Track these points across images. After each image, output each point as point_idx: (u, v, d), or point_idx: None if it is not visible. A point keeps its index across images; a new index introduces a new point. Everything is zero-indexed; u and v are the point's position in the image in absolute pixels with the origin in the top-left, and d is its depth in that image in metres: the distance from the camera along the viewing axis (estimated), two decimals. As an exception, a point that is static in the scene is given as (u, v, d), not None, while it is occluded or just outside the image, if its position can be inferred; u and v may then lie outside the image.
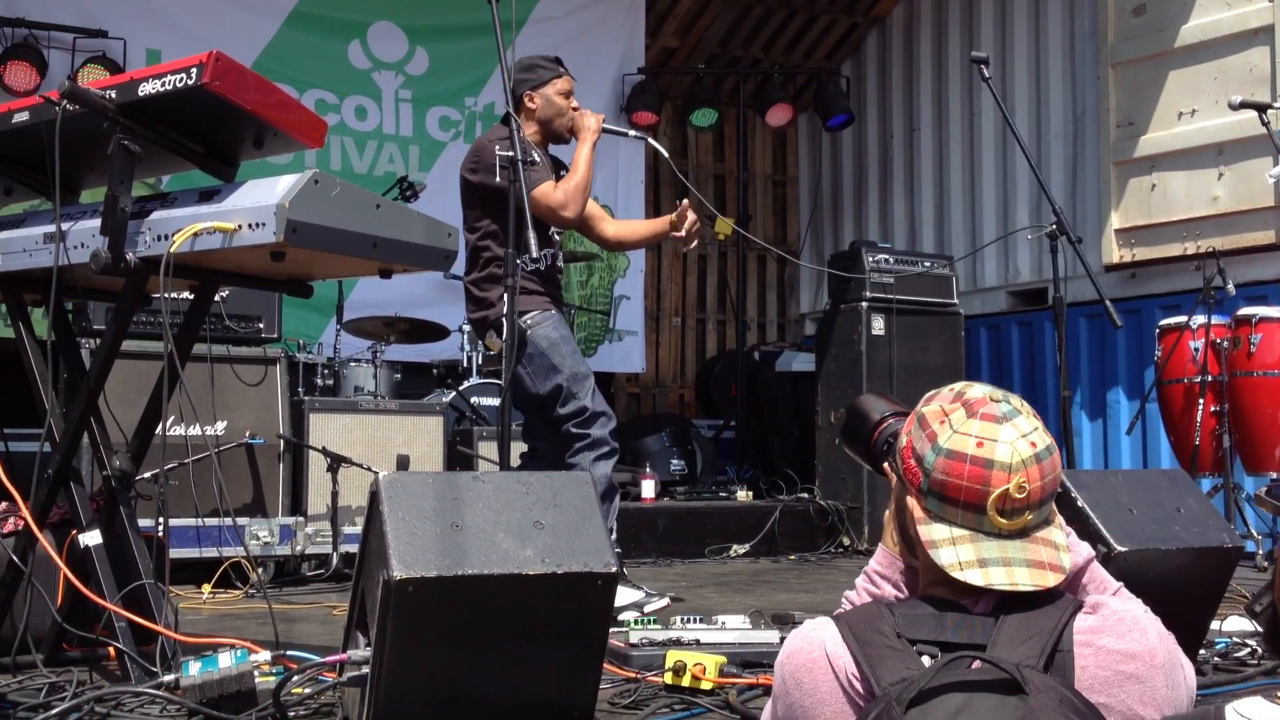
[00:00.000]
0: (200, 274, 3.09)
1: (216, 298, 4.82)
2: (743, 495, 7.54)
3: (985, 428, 1.67)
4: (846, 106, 9.58)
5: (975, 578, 1.62)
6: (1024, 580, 1.63)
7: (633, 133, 5.01)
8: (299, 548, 5.50)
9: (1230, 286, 6.01)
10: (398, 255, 2.97)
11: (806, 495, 7.39)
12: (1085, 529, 3.57)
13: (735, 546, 6.82)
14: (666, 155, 4.92)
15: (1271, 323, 5.98)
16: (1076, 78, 8.18)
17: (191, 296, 3.30)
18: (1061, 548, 1.70)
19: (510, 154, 3.68)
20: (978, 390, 1.73)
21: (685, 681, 2.97)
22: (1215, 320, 6.07)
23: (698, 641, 3.34)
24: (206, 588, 4.97)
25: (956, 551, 1.65)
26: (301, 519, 5.55)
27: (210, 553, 5.01)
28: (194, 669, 2.63)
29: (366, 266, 3.05)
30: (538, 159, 4.53)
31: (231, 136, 3.04)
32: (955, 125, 9.11)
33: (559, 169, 4.73)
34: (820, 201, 10.39)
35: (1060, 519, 1.74)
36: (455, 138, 8.57)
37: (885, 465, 1.93)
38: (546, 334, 4.43)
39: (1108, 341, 7.57)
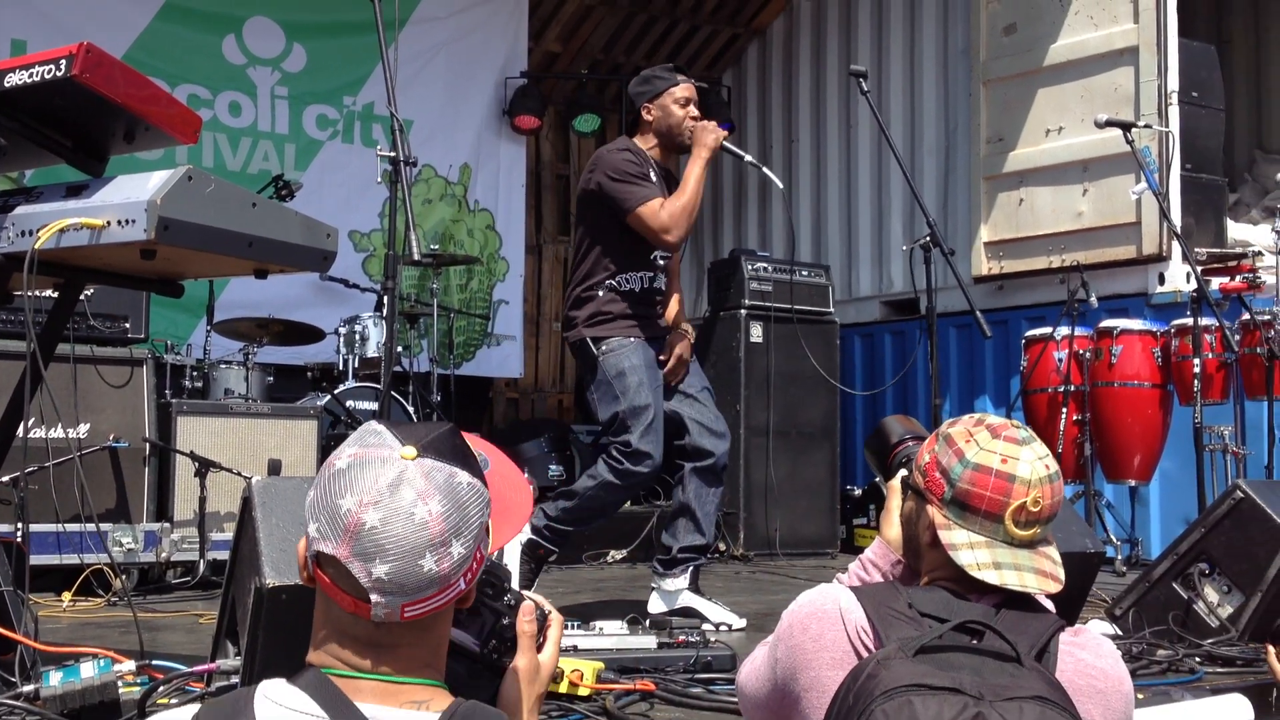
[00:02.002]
0: (66, 271, 2.99)
1: (81, 296, 4.68)
2: (620, 501, 7.54)
3: (1008, 447, 1.88)
4: (727, 116, 9.68)
5: (991, 577, 1.82)
6: (1032, 584, 1.84)
7: (748, 158, 4.84)
8: (164, 555, 5.35)
9: (1093, 299, 6.21)
10: (274, 255, 2.91)
11: (684, 501, 7.42)
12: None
13: (613, 552, 6.83)
14: (780, 186, 4.85)
15: (1132, 335, 6.19)
16: (949, 94, 8.38)
17: (56, 295, 3.20)
18: (1059, 564, 1.90)
19: (394, 154, 3.63)
20: (996, 417, 1.96)
21: (563, 688, 2.96)
22: (1078, 332, 6.27)
23: (575, 648, 3.34)
24: (67, 595, 4.81)
25: (975, 554, 1.85)
26: (167, 525, 5.40)
27: (71, 559, 4.86)
28: (55, 679, 2.55)
29: (241, 266, 2.99)
30: (652, 176, 4.48)
31: (101, 130, 2.95)
32: (833, 137, 9.26)
33: (672, 182, 4.65)
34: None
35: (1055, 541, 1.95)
36: (333, 137, 8.44)
37: (893, 481, 2.17)
38: (616, 363, 4.37)
39: (976, 351, 7.76)
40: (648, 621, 4.01)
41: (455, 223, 9.00)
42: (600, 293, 4.45)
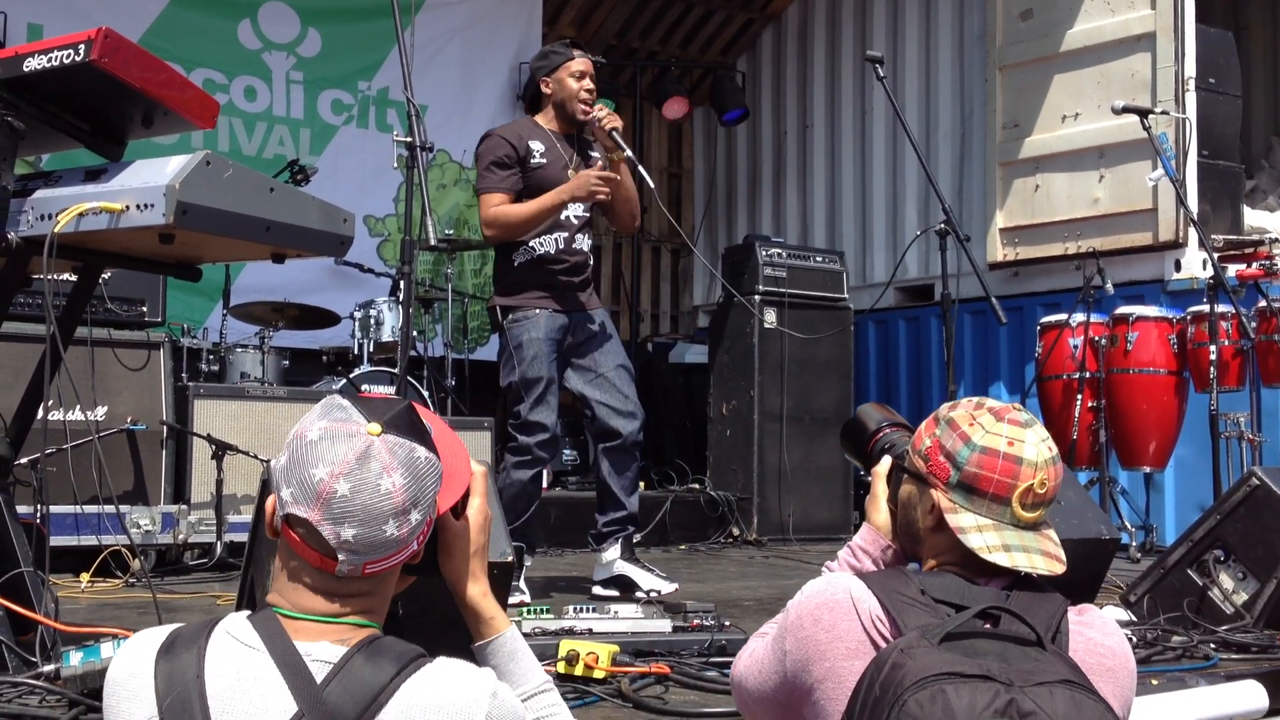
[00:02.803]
0: (85, 255, 3.01)
1: (99, 279, 4.70)
2: (634, 486, 7.55)
3: (1013, 430, 1.89)
4: (742, 101, 9.67)
5: (1003, 560, 1.83)
6: (1040, 565, 1.85)
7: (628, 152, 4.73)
8: (181, 536, 5.38)
9: (1109, 286, 6.19)
10: (292, 240, 2.92)
11: (698, 486, 7.45)
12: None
13: (626, 537, 6.83)
14: (652, 186, 4.77)
15: (1147, 322, 6.17)
16: (965, 79, 8.35)
17: (74, 278, 3.22)
18: (1059, 546, 1.91)
19: (410, 139, 3.64)
20: (994, 401, 1.95)
21: (578, 671, 2.97)
22: (1094, 318, 6.25)
23: (590, 631, 3.35)
24: (85, 576, 4.84)
25: (984, 537, 1.85)
26: (184, 507, 5.43)
27: (89, 540, 4.88)
28: (75, 659, 2.57)
29: (259, 250, 3.00)
30: (539, 148, 4.56)
31: (120, 115, 2.96)
32: (847, 123, 9.24)
33: (585, 151, 4.72)
34: (715, 195, 10.46)
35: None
36: (348, 121, 8.45)
37: (877, 468, 2.17)
38: (518, 334, 4.53)
39: (991, 337, 7.75)
40: (662, 605, 4.03)
41: (469, 208, 9.00)
42: (515, 259, 4.58)
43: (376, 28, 8.08)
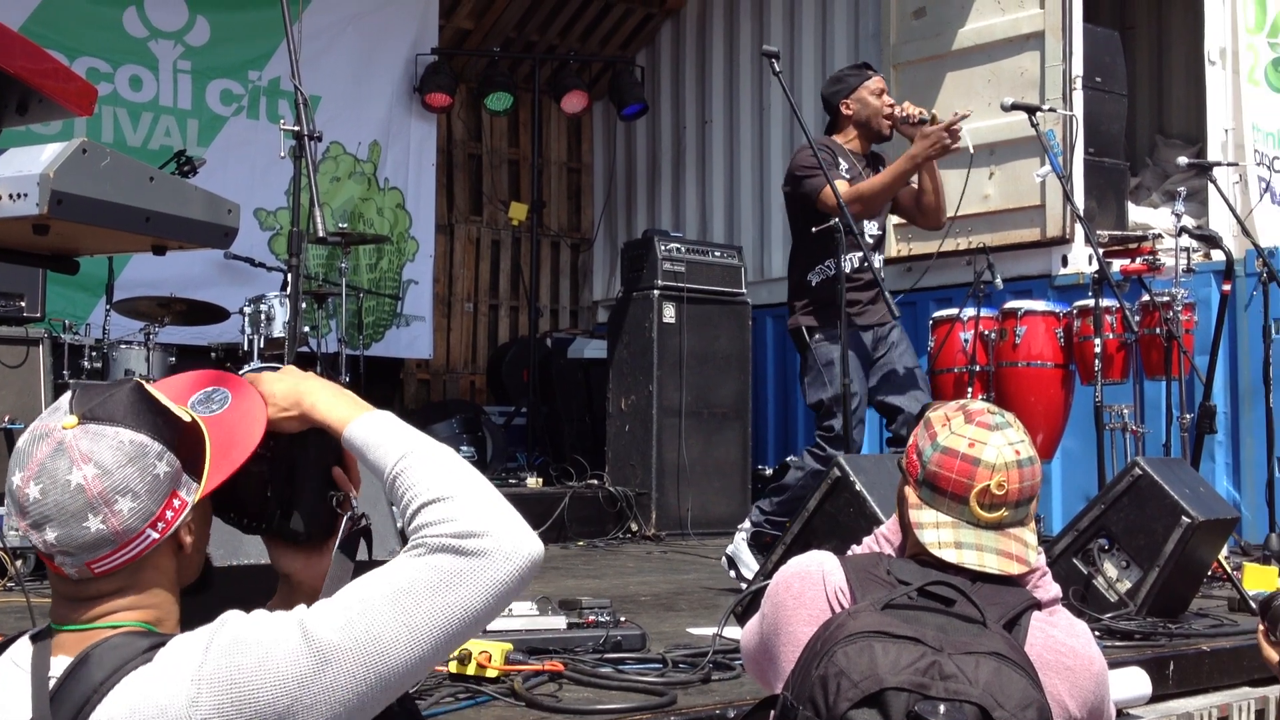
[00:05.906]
0: (-47, 247, 2.89)
1: (-27, 273, 4.54)
2: (533, 482, 7.53)
3: (978, 432, 1.96)
4: (641, 96, 9.66)
5: (950, 556, 1.90)
6: (992, 565, 1.91)
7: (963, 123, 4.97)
8: (64, 538, 5.21)
9: (998, 281, 6.28)
10: (173, 231, 2.84)
11: (596, 482, 7.43)
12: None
13: (524, 533, 6.79)
14: (972, 150, 5.04)
15: (1035, 316, 6.28)
16: (860, 76, 8.42)
17: (-57, 271, 3.09)
18: (1031, 546, 1.96)
19: (297, 128, 3.56)
20: (979, 404, 2.04)
21: (470, 670, 2.94)
22: (984, 313, 6.35)
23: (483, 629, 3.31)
24: (-40, 582, 4.67)
25: (938, 534, 1.93)
26: (67, 508, 5.26)
27: (-36, 544, 4.71)
28: (-58, 668, 2.46)
29: (139, 242, 2.91)
30: (844, 165, 4.81)
31: (-9, 101, 2.85)
32: (746, 118, 9.28)
33: (878, 166, 5.01)
34: (614, 189, 10.45)
35: (1034, 525, 2.01)
36: (237, 112, 8.27)
37: None
38: (824, 353, 4.75)
39: (886, 332, 7.83)
40: (557, 602, 4.00)
41: (365, 201, 8.88)
42: (812, 280, 4.83)
43: (267, 16, 7.89)
